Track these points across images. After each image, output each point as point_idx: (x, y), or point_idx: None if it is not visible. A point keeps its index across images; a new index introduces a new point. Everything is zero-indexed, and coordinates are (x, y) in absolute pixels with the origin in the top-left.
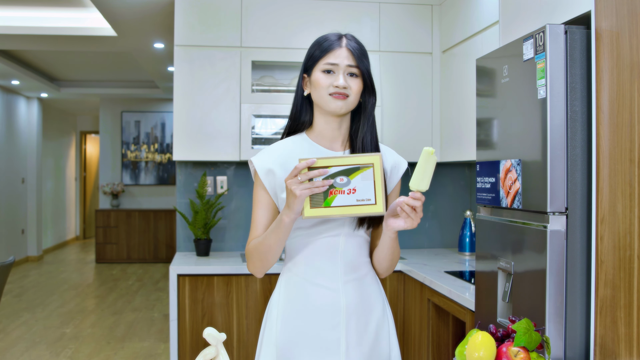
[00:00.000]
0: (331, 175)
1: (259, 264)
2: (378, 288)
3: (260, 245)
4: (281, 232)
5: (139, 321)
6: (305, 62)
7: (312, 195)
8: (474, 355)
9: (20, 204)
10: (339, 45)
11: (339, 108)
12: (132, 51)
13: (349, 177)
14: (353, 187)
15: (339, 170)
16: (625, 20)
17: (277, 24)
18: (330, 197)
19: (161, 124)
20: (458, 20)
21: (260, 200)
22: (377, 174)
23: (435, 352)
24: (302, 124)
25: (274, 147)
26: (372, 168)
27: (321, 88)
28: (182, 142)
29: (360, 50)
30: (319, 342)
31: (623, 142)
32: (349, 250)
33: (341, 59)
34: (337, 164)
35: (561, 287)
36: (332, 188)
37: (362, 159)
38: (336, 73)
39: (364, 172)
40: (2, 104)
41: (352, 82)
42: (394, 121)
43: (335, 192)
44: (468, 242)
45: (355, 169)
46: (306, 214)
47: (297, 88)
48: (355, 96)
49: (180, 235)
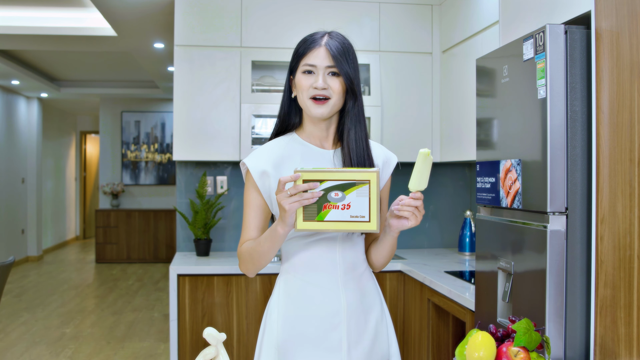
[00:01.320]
0: (326, 190)
1: (251, 266)
2: (375, 285)
3: (253, 250)
4: (275, 241)
5: (139, 321)
6: (291, 62)
7: (306, 208)
8: (474, 355)
9: (20, 204)
10: (318, 45)
11: (319, 114)
12: (132, 51)
13: (344, 192)
14: (347, 203)
15: (334, 185)
16: (625, 20)
17: (277, 24)
18: (324, 211)
19: (161, 124)
20: (458, 20)
21: (252, 202)
22: (372, 190)
23: (435, 352)
24: (291, 124)
25: (265, 148)
26: (368, 185)
27: (302, 90)
28: (182, 142)
29: (340, 50)
30: (321, 342)
31: (623, 142)
32: (347, 250)
33: (319, 60)
34: (333, 178)
35: (561, 287)
36: (326, 202)
37: (358, 175)
38: (316, 74)
39: (360, 189)
40: (2, 104)
41: (333, 82)
42: (394, 121)
43: (329, 207)
44: (468, 242)
45: (351, 184)
46: (298, 227)
47: (284, 89)
48: (337, 96)
49: (180, 235)
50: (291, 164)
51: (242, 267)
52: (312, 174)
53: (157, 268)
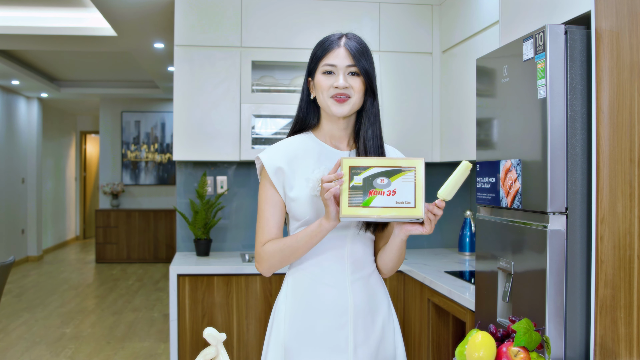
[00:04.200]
0: (372, 176)
1: (278, 265)
2: (382, 287)
3: (288, 248)
4: (319, 237)
5: (139, 321)
6: (309, 64)
7: (351, 194)
8: (474, 355)
9: (20, 204)
10: (337, 45)
11: (340, 112)
12: (132, 51)
13: (389, 179)
14: (393, 189)
15: (380, 172)
16: (625, 20)
17: (277, 24)
18: (369, 197)
19: (161, 124)
20: (458, 20)
21: (270, 198)
22: (418, 177)
23: (435, 352)
24: (308, 125)
25: (281, 145)
26: (414, 171)
27: (323, 90)
28: (182, 142)
29: (359, 50)
30: (327, 341)
31: (623, 142)
32: (356, 249)
33: (340, 59)
34: (378, 164)
35: (561, 287)
36: (372, 189)
37: (404, 162)
38: (336, 74)
39: (406, 175)
40: (2, 104)
41: (353, 81)
42: (394, 121)
43: (375, 193)
44: (468, 242)
45: (396, 171)
46: (343, 212)
47: (302, 91)
48: (358, 95)
49: (180, 235)
50: (306, 161)
51: (264, 267)
52: (355, 161)
53: (157, 268)
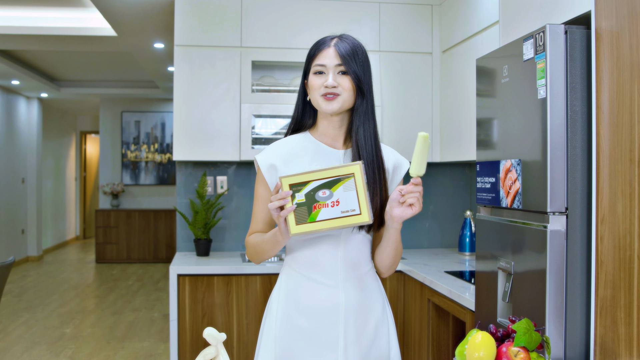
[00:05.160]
0: (313, 190)
1: (256, 258)
2: (378, 287)
3: (257, 245)
4: (277, 246)
5: (139, 321)
6: (304, 66)
7: (297, 212)
8: (474, 355)
9: (20, 204)
10: (327, 46)
11: (330, 109)
12: (132, 51)
13: (331, 190)
14: (336, 199)
15: (320, 184)
16: (625, 20)
17: (277, 24)
18: (314, 211)
19: (161, 124)
20: (458, 20)
21: (261, 195)
22: (358, 182)
23: (435, 352)
24: (304, 125)
25: (277, 144)
26: (352, 178)
27: (314, 89)
28: (182, 142)
29: (349, 51)
30: (318, 338)
31: (623, 142)
32: (350, 248)
33: (329, 59)
34: (317, 177)
35: (561, 287)
36: (315, 202)
37: (341, 170)
38: (326, 73)
39: (346, 183)
40: (2, 104)
41: (343, 80)
42: (394, 121)
43: (319, 206)
44: (468, 242)
45: (336, 180)
46: (292, 231)
47: (298, 92)
48: (347, 93)
49: (180, 235)
50: (300, 160)
51: (248, 256)
52: (294, 178)
53: (157, 268)
